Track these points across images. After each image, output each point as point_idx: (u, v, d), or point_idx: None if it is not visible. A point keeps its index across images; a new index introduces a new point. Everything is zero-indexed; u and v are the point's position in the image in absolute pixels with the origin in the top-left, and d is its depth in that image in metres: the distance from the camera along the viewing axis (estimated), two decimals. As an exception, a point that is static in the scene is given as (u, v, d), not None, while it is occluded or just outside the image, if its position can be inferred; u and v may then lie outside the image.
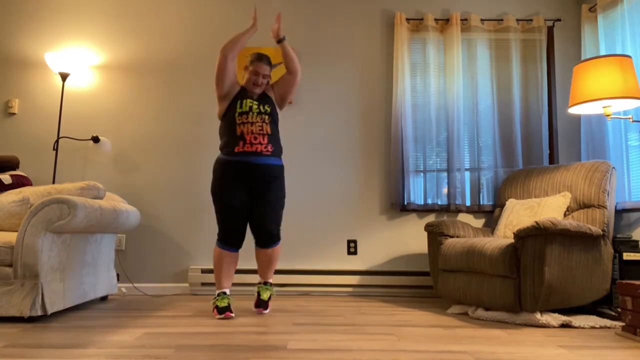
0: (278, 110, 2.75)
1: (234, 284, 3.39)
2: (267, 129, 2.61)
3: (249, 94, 2.66)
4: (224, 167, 2.60)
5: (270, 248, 2.66)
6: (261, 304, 2.68)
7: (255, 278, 3.37)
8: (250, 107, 2.61)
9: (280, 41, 2.66)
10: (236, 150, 2.56)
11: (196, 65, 3.62)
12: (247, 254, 3.45)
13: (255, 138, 2.57)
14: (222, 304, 2.53)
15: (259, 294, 2.72)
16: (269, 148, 2.59)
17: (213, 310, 2.57)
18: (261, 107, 2.62)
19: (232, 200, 2.58)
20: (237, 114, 2.59)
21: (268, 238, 2.63)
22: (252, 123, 2.58)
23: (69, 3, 3.65)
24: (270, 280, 2.76)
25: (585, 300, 2.49)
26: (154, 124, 3.57)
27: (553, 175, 3.03)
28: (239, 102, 2.62)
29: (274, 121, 2.66)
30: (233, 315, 2.53)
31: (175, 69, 3.62)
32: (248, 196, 2.64)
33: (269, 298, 2.71)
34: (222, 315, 2.49)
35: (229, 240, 2.60)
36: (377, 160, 3.58)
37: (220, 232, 2.62)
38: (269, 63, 2.67)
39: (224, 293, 2.60)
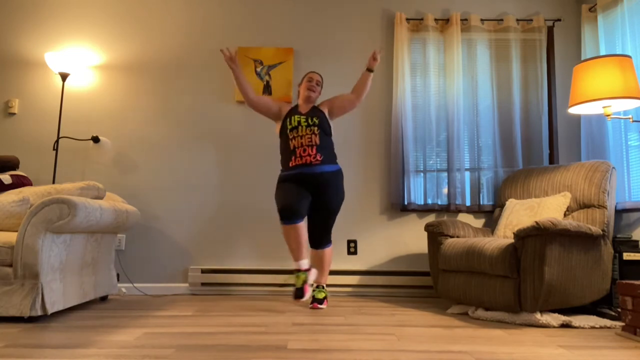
0: (330, 122, 2.99)
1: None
2: (316, 139, 2.85)
3: (298, 111, 2.95)
4: (283, 181, 2.89)
5: (321, 249, 2.93)
6: (316, 300, 2.88)
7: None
8: (299, 122, 2.88)
9: (370, 70, 2.95)
10: (290, 165, 2.86)
11: (196, 66, 3.62)
12: (253, 254, 3.46)
13: (304, 150, 2.83)
14: (298, 283, 2.69)
15: (312, 296, 2.92)
16: (318, 157, 2.83)
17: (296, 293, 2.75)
18: (309, 120, 2.88)
19: (290, 190, 2.78)
20: (289, 130, 2.89)
21: (320, 239, 2.91)
22: (301, 136, 2.85)
23: (69, 3, 3.65)
24: (324, 284, 2.98)
25: (585, 300, 2.49)
26: (154, 124, 3.57)
27: (553, 175, 3.03)
28: (288, 119, 2.91)
29: (324, 131, 2.89)
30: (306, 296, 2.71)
31: (176, 69, 3.62)
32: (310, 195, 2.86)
33: (325, 297, 2.92)
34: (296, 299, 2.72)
35: (285, 214, 2.69)
36: (377, 160, 3.58)
37: (278, 210, 2.73)
38: (319, 75, 3.06)
39: (298, 270, 2.75)
